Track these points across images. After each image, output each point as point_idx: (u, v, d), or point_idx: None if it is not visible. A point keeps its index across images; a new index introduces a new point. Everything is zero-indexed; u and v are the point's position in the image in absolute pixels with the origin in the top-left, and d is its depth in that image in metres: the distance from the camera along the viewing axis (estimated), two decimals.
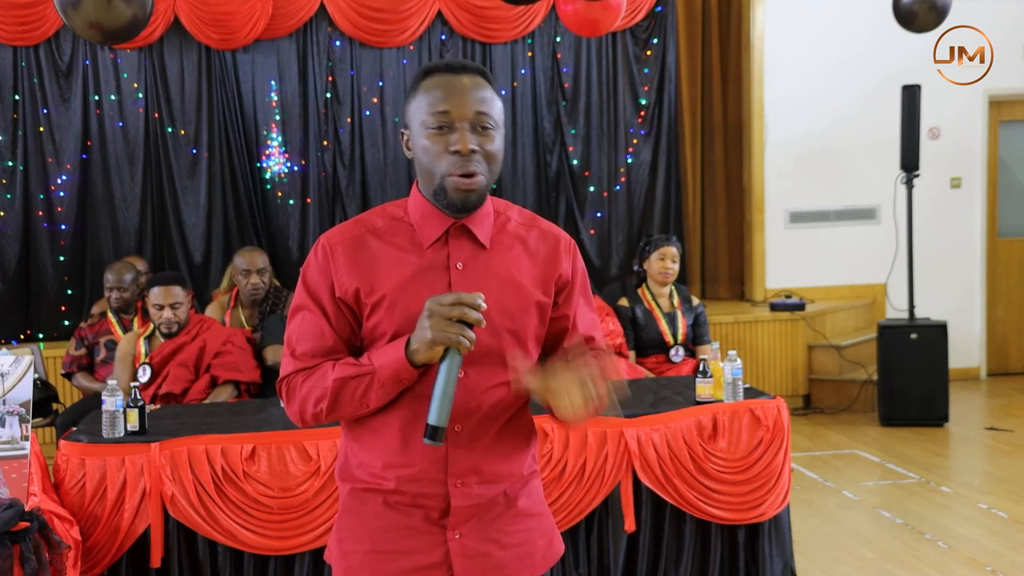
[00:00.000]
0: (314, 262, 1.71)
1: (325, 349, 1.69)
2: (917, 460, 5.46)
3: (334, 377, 1.65)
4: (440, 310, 1.56)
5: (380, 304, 1.67)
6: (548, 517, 1.83)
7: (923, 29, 5.77)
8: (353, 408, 1.66)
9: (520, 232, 1.77)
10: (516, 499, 1.75)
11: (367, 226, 1.72)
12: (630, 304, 4.97)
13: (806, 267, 7.51)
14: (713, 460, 3.51)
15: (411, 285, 1.66)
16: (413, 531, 1.69)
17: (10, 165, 6.78)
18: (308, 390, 1.68)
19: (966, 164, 7.57)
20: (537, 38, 7.35)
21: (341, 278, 1.68)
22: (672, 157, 7.54)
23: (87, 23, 4.34)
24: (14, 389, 3.05)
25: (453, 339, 1.55)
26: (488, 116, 1.66)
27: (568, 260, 1.78)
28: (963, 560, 3.95)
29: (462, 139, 1.63)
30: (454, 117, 1.64)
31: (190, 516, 3.24)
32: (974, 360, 7.69)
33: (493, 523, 1.72)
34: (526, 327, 1.72)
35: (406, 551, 1.69)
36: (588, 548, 3.48)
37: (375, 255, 1.69)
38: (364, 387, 1.63)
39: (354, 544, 1.73)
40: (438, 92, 1.66)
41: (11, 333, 6.70)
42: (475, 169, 1.63)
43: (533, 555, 1.76)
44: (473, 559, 1.70)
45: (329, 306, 1.69)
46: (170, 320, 4.18)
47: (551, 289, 1.75)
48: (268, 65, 7.04)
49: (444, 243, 1.70)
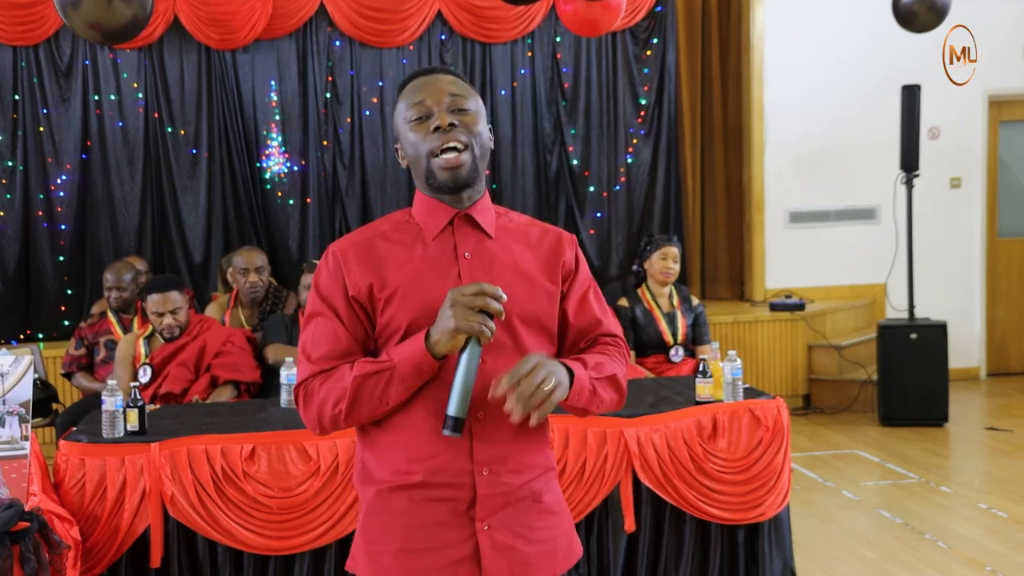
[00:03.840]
0: (325, 269, 1.75)
1: (341, 351, 1.71)
2: (917, 460, 5.46)
3: (354, 375, 1.66)
4: (463, 299, 1.59)
5: (393, 297, 1.70)
6: (568, 517, 1.85)
7: (923, 29, 5.77)
8: (372, 407, 1.68)
9: (521, 229, 1.82)
10: (541, 494, 1.76)
11: (374, 231, 1.78)
12: (630, 304, 4.97)
13: (806, 267, 7.51)
14: (713, 460, 3.51)
15: (423, 275, 1.71)
16: (442, 526, 1.70)
17: (10, 165, 6.79)
18: (327, 392, 1.69)
19: (966, 164, 7.57)
20: (537, 38, 7.35)
21: (354, 278, 1.71)
22: (672, 157, 7.55)
23: (87, 23, 4.34)
24: (14, 389, 3.05)
25: (476, 328, 1.58)
26: (463, 98, 1.73)
27: (571, 250, 1.84)
28: (963, 560, 3.95)
29: (440, 116, 1.70)
30: (430, 104, 1.71)
31: (190, 516, 3.24)
32: (974, 360, 7.70)
33: (519, 516, 1.72)
34: (538, 314, 1.76)
35: (436, 547, 1.70)
36: (588, 548, 3.47)
37: (384, 254, 1.73)
38: (384, 383, 1.65)
39: (383, 545, 1.73)
40: (414, 90, 1.75)
41: (11, 333, 6.70)
42: (457, 140, 1.69)
43: (556, 553, 1.77)
44: (501, 553, 1.70)
45: (343, 309, 1.72)
46: (171, 326, 4.18)
47: (557, 278, 1.79)
48: (268, 65, 7.04)
49: (450, 234, 1.74)
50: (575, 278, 1.83)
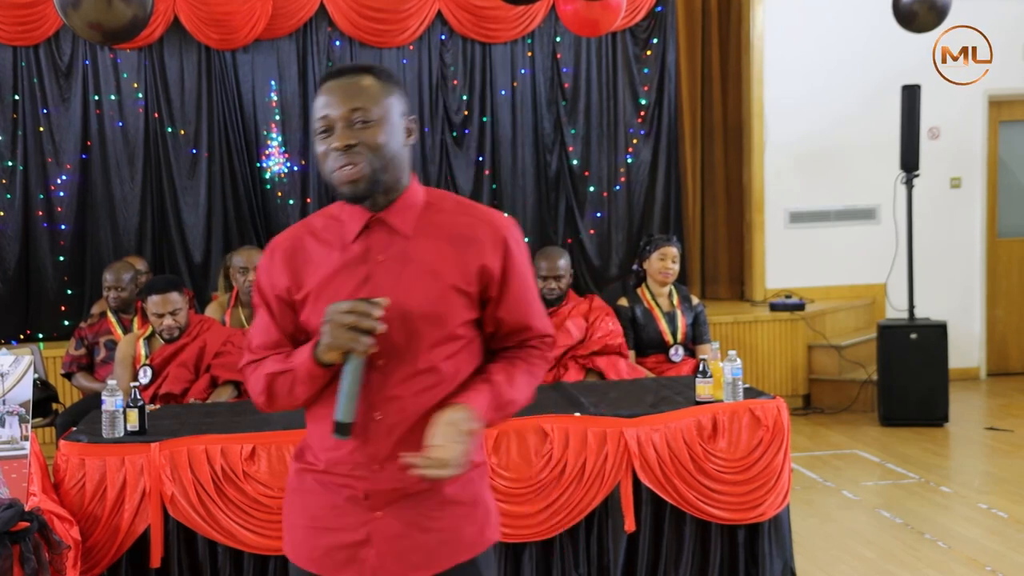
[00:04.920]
0: (263, 263, 1.87)
1: (271, 343, 1.84)
2: (917, 460, 5.46)
3: (265, 372, 1.80)
4: (336, 317, 1.67)
5: (307, 300, 1.80)
6: (483, 506, 1.87)
7: (923, 29, 5.77)
8: (286, 401, 1.81)
9: (449, 220, 1.80)
10: (443, 486, 1.79)
11: (308, 227, 1.86)
12: (630, 304, 4.97)
13: (806, 267, 7.51)
14: (713, 460, 3.50)
15: (333, 280, 1.78)
16: (340, 510, 1.80)
17: (10, 165, 6.79)
18: (254, 381, 1.83)
19: (966, 164, 7.57)
20: (537, 38, 7.35)
21: (277, 277, 1.83)
22: (672, 157, 7.54)
23: (87, 23, 4.34)
24: (14, 389, 3.05)
25: (347, 345, 1.66)
26: (364, 110, 1.73)
27: (495, 252, 1.79)
28: (963, 560, 3.95)
29: (339, 136, 1.73)
30: (332, 119, 1.75)
31: (190, 516, 3.24)
32: (974, 360, 7.69)
33: (417, 507, 1.79)
34: (447, 314, 1.76)
35: (335, 528, 1.80)
36: (588, 548, 3.47)
37: (308, 254, 1.82)
38: (290, 382, 1.77)
39: (296, 519, 1.86)
40: (320, 100, 1.77)
41: (11, 333, 6.70)
42: (354, 160, 1.72)
43: (459, 541, 1.82)
44: (393, 540, 1.78)
45: (274, 303, 1.84)
46: (171, 327, 4.18)
47: (472, 279, 1.78)
48: (268, 65, 7.04)
49: (366, 237, 1.79)
50: (505, 282, 1.80)
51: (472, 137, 7.32)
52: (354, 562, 1.79)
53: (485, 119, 7.31)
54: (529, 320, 1.86)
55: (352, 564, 1.79)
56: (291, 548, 1.87)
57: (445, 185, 7.20)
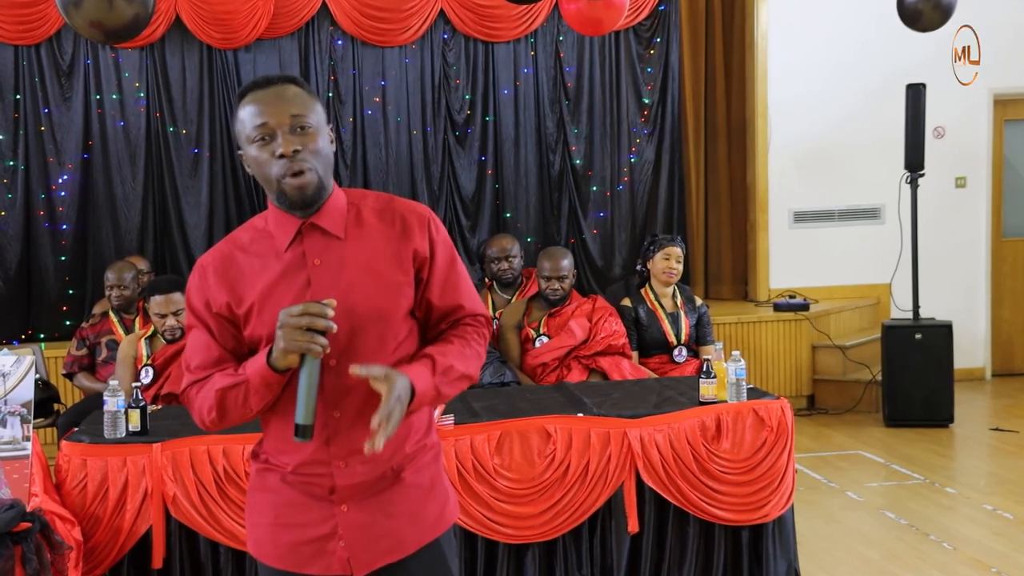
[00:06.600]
0: (193, 283, 1.88)
1: (212, 360, 1.84)
2: (921, 461, 5.44)
3: (215, 388, 1.80)
4: (289, 321, 1.69)
5: (250, 313, 1.82)
6: (440, 488, 1.94)
7: (928, 28, 5.75)
8: (239, 414, 1.81)
9: (374, 216, 1.87)
10: (402, 473, 1.86)
11: (235, 243, 1.88)
12: (633, 304, 4.95)
13: (810, 267, 7.49)
14: (717, 461, 3.49)
15: (275, 289, 1.81)
16: (305, 506, 1.84)
17: (11, 164, 6.78)
18: (201, 401, 1.83)
19: (971, 163, 7.55)
20: (540, 37, 7.33)
21: (214, 295, 1.84)
22: (675, 157, 7.53)
23: (88, 22, 4.34)
24: (15, 389, 3.04)
25: (303, 347, 1.68)
26: (303, 117, 1.78)
27: (423, 235, 1.87)
28: (968, 561, 3.93)
29: (284, 143, 1.76)
30: (273, 126, 1.77)
31: (192, 517, 3.23)
32: (979, 360, 7.67)
33: (380, 496, 1.84)
34: (391, 308, 1.82)
35: (301, 524, 1.84)
36: (591, 549, 3.47)
37: (241, 268, 1.84)
38: (243, 394, 1.77)
39: (259, 517, 1.89)
40: (253, 107, 1.79)
41: (12, 333, 6.69)
42: (303, 167, 1.77)
43: (424, 521, 1.88)
44: (360, 529, 1.83)
45: (211, 321, 1.85)
46: (174, 327, 4.18)
47: (409, 266, 1.85)
48: (270, 64, 7.02)
49: (300, 243, 1.82)
50: (433, 263, 1.87)
51: (475, 137, 7.31)
52: (322, 555, 1.83)
53: (488, 118, 7.30)
54: (459, 299, 1.91)
55: (320, 557, 1.83)
56: (255, 546, 1.90)
57: (448, 185, 7.19)
